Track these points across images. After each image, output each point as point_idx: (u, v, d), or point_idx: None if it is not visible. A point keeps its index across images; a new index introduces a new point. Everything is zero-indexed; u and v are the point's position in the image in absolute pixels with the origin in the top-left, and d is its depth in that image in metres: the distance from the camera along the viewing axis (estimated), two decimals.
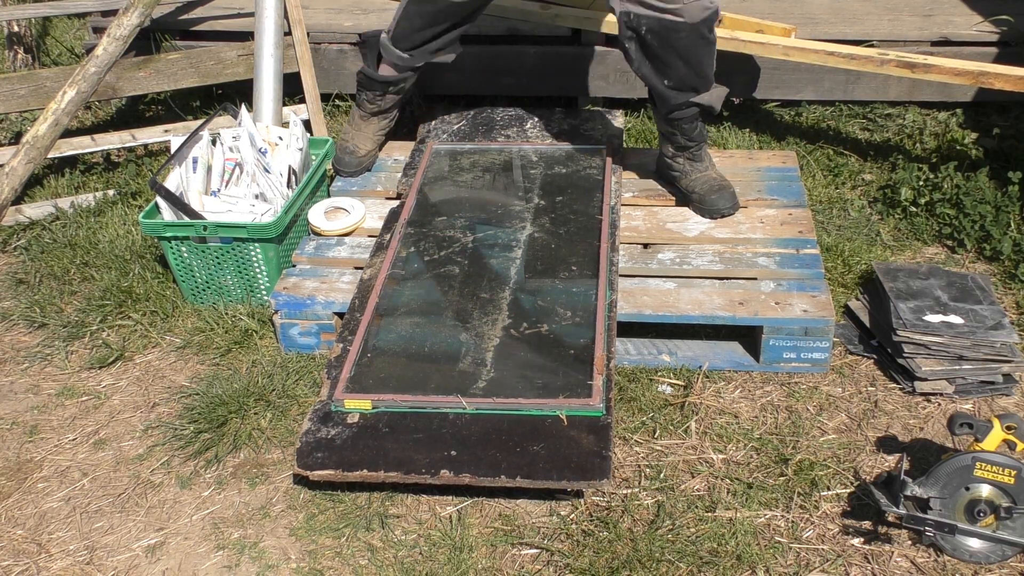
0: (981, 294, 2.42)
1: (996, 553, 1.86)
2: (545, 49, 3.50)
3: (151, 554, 1.99)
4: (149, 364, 2.54)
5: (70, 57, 4.34)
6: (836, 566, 1.89)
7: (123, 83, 3.31)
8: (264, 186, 2.72)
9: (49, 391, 2.47)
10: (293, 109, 3.41)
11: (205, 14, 3.73)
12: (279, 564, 1.95)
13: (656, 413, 2.26)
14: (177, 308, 2.70)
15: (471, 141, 3.17)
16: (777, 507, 2.01)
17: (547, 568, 1.91)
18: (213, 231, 2.56)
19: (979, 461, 1.83)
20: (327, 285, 2.54)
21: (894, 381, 2.34)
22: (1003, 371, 2.28)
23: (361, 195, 2.97)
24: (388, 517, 2.03)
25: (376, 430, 2.05)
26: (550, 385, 2.13)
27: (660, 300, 2.40)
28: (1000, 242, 2.73)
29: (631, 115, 3.57)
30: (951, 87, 3.19)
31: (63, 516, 2.10)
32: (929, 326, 2.30)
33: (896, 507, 1.84)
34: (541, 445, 1.99)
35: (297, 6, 3.35)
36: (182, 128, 3.30)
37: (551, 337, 2.27)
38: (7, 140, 3.71)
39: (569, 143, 3.12)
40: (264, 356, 2.50)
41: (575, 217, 2.71)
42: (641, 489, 2.07)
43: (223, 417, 2.28)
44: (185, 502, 2.11)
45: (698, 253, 2.58)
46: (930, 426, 2.22)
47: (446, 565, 1.91)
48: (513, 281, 2.46)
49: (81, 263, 2.91)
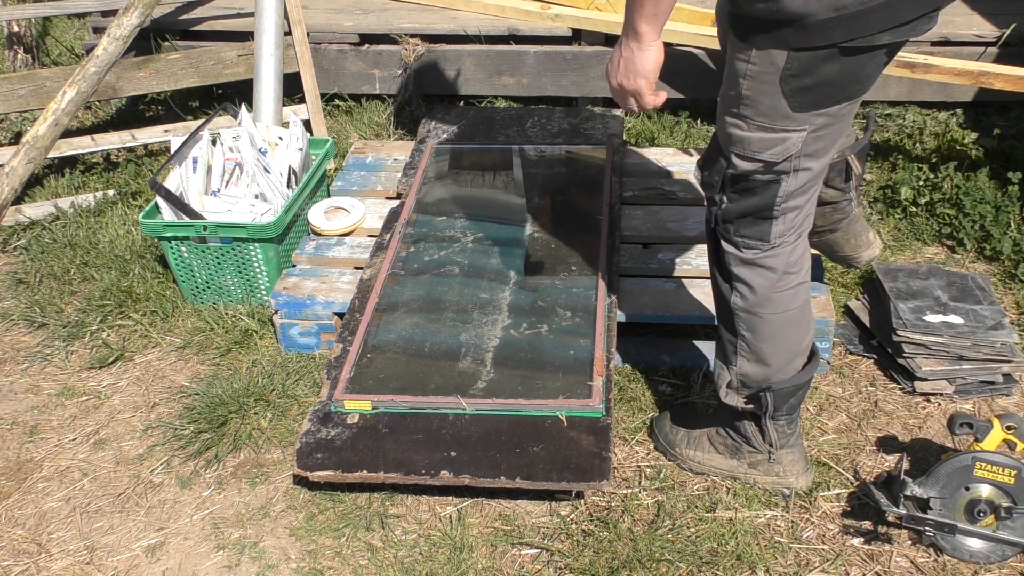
0: (981, 294, 2.42)
1: (996, 553, 1.86)
2: (545, 49, 3.50)
3: (151, 554, 1.99)
4: (149, 364, 2.54)
5: (70, 57, 4.34)
6: (836, 566, 1.89)
7: (123, 83, 3.31)
8: (264, 186, 2.72)
9: (49, 391, 2.47)
10: (293, 109, 3.41)
11: (205, 14, 3.73)
12: (279, 564, 1.95)
13: (656, 413, 2.26)
14: (177, 308, 2.70)
15: (471, 141, 3.17)
16: (777, 507, 2.01)
17: (547, 568, 1.91)
18: (213, 231, 2.56)
19: (979, 461, 1.83)
20: (327, 285, 2.54)
21: (894, 381, 2.34)
22: (1003, 371, 2.28)
23: (361, 195, 2.97)
24: (388, 517, 2.03)
25: (376, 431, 2.05)
26: (550, 386, 2.13)
27: (660, 300, 2.40)
28: (1000, 242, 2.73)
29: (631, 115, 3.57)
30: (951, 87, 3.19)
31: (63, 516, 2.10)
32: (929, 326, 2.29)
33: (896, 507, 1.84)
34: (541, 446, 1.99)
35: (297, 6, 3.35)
36: (182, 128, 3.30)
37: (551, 338, 2.27)
38: (7, 140, 3.71)
39: (569, 143, 3.12)
40: (264, 356, 2.50)
41: (575, 217, 2.71)
42: (641, 489, 2.07)
43: (223, 417, 2.28)
44: (185, 502, 2.11)
45: (698, 253, 2.57)
46: (930, 426, 2.22)
47: (446, 565, 1.91)
48: (513, 281, 2.46)
49: (81, 263, 2.91)
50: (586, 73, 3.49)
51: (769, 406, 1.90)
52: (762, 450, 2.00)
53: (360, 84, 3.64)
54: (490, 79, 3.56)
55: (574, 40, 3.52)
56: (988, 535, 1.85)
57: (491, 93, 3.61)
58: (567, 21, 3.48)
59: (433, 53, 3.54)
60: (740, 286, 1.83)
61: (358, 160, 3.18)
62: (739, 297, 1.84)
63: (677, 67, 3.39)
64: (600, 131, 3.19)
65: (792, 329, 1.85)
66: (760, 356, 1.86)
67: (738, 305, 1.84)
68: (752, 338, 1.85)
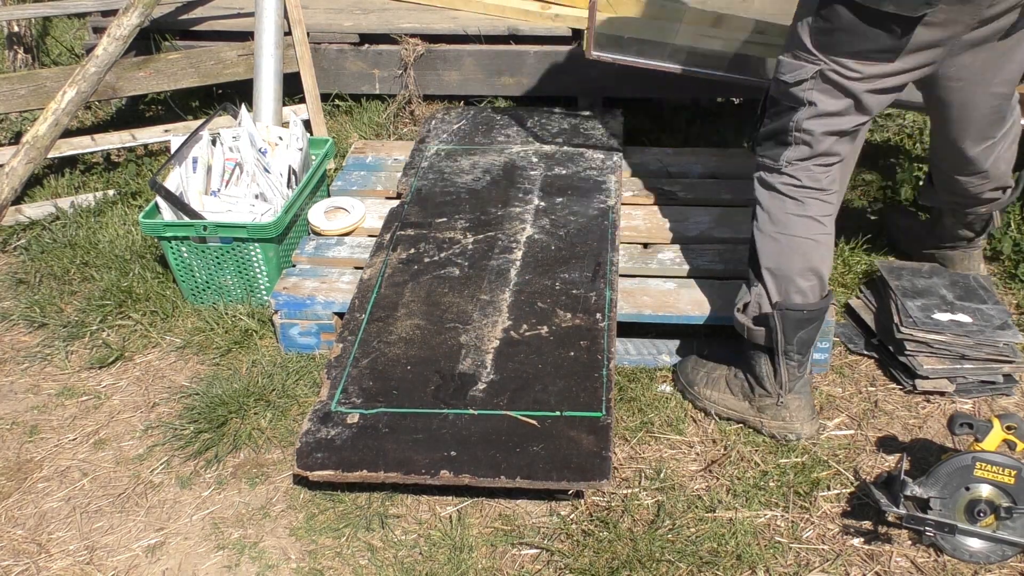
0: (984, 293, 2.42)
1: (996, 553, 1.86)
2: (545, 49, 3.50)
3: (151, 554, 1.99)
4: (149, 364, 2.54)
5: (70, 57, 4.34)
6: (836, 566, 1.89)
7: (123, 83, 3.31)
8: (264, 186, 2.72)
9: (49, 391, 2.47)
10: (293, 109, 3.41)
11: (205, 14, 3.73)
12: (279, 564, 1.95)
13: (656, 413, 2.26)
14: (177, 308, 2.70)
15: (471, 141, 3.17)
16: (777, 507, 2.01)
17: (547, 568, 1.90)
18: (213, 231, 2.56)
19: (979, 461, 1.83)
20: (327, 285, 2.54)
21: (894, 381, 2.34)
22: (1004, 371, 2.28)
23: (361, 195, 2.97)
24: (388, 517, 2.03)
25: (376, 430, 2.05)
26: (550, 387, 2.12)
27: (660, 300, 2.40)
28: (1000, 242, 2.72)
29: (631, 115, 3.57)
30: None
31: (63, 516, 2.10)
32: (939, 324, 2.29)
33: (896, 507, 1.84)
34: (541, 445, 1.99)
35: (297, 6, 3.35)
36: (182, 128, 3.30)
37: (551, 339, 2.27)
38: (7, 140, 3.71)
39: (569, 143, 3.12)
40: (264, 356, 2.50)
41: (575, 217, 2.71)
42: (641, 489, 2.07)
43: (223, 417, 2.28)
44: (185, 502, 2.11)
45: (698, 253, 2.57)
46: (930, 426, 2.22)
47: (446, 565, 1.91)
48: (513, 282, 2.46)
49: (81, 263, 2.91)
50: (586, 73, 3.49)
51: (777, 329, 2.09)
52: (772, 393, 2.16)
53: (360, 84, 3.64)
54: (490, 79, 3.57)
55: (574, 40, 3.52)
56: (988, 535, 1.85)
57: (491, 93, 3.61)
58: (567, 21, 3.48)
59: (433, 53, 3.54)
60: (758, 209, 2.14)
61: (358, 160, 3.18)
62: (758, 222, 2.13)
63: None
64: (600, 131, 3.19)
65: (800, 257, 2.07)
66: (771, 275, 2.10)
67: (755, 226, 2.14)
68: (763, 259, 2.11)
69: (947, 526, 1.83)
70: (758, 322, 2.13)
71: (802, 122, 2.01)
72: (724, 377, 2.25)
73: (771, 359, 2.14)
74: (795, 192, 2.08)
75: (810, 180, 2.07)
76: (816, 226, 2.08)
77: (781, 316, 2.08)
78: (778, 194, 2.09)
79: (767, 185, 2.11)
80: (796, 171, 2.06)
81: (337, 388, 2.16)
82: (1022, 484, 1.81)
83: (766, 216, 2.11)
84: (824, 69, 1.93)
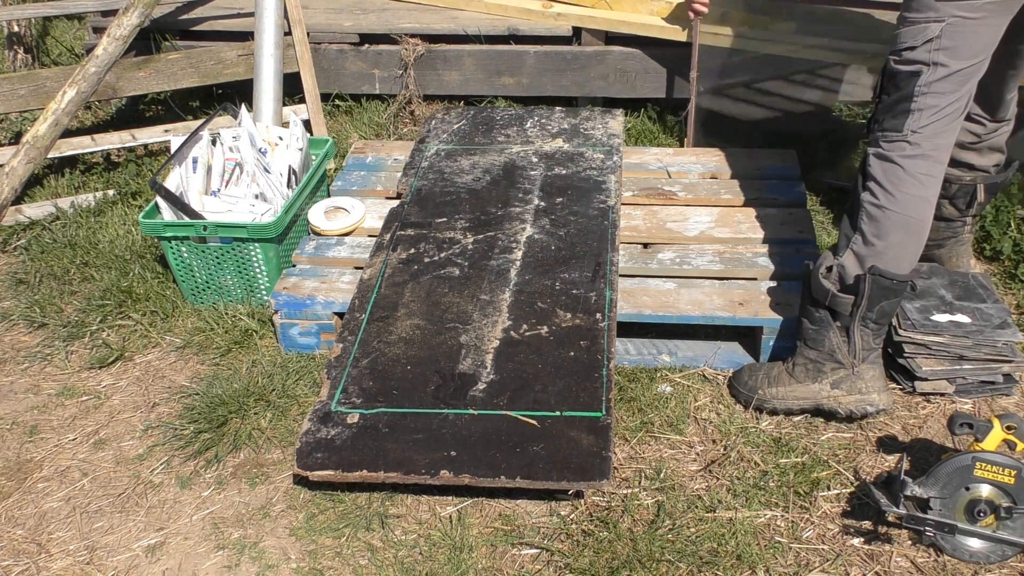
0: (984, 293, 2.42)
1: (996, 553, 1.86)
2: (545, 49, 3.50)
3: (151, 554, 1.99)
4: (149, 364, 2.54)
5: (70, 57, 4.34)
6: (836, 566, 1.89)
7: (123, 83, 3.31)
8: (264, 186, 2.72)
9: (49, 391, 2.47)
10: (293, 109, 3.41)
11: (205, 14, 3.73)
12: (279, 564, 1.95)
13: (656, 413, 2.26)
14: (177, 308, 2.70)
15: (471, 141, 3.17)
16: (777, 507, 2.01)
17: (547, 568, 1.90)
18: (213, 231, 2.56)
19: (979, 461, 1.83)
20: (327, 285, 2.54)
21: (894, 381, 2.34)
22: (1003, 371, 2.28)
23: (361, 195, 2.97)
24: (388, 517, 2.03)
25: (376, 430, 2.05)
26: (550, 387, 2.12)
27: (660, 300, 2.40)
28: (1000, 242, 2.72)
29: (631, 115, 3.57)
30: None
31: (63, 516, 2.10)
32: (938, 326, 2.29)
33: (896, 507, 1.84)
34: (541, 445, 1.99)
35: (297, 6, 3.35)
36: (182, 128, 3.30)
37: (551, 339, 2.27)
38: (7, 140, 3.71)
39: (569, 143, 3.12)
40: (264, 356, 2.50)
41: (575, 218, 2.71)
42: (641, 489, 2.07)
43: (223, 417, 2.28)
44: (185, 502, 2.11)
45: (698, 253, 2.58)
46: (930, 426, 2.22)
47: (446, 565, 1.91)
48: (513, 282, 2.46)
49: (81, 263, 2.91)
50: (586, 73, 3.49)
51: (864, 294, 2.08)
52: (846, 363, 2.16)
53: (360, 84, 3.64)
54: (490, 79, 3.57)
55: (574, 40, 3.52)
56: (988, 535, 1.85)
57: (491, 93, 3.61)
58: (569, 20, 3.48)
59: (433, 53, 3.54)
60: (872, 183, 2.08)
61: (358, 160, 3.18)
62: (869, 193, 2.09)
63: (680, 69, 3.39)
64: (600, 131, 3.19)
65: (906, 236, 2.06)
66: (871, 246, 2.08)
67: (866, 200, 2.09)
68: (868, 230, 2.08)
69: (947, 526, 1.83)
70: (845, 290, 2.13)
71: (930, 86, 1.98)
72: (784, 371, 2.24)
73: (845, 330, 2.14)
74: (918, 173, 2.04)
75: (932, 147, 2.03)
76: (927, 208, 2.07)
77: (873, 281, 2.08)
78: (897, 167, 2.05)
79: (885, 158, 2.07)
80: (920, 139, 2.02)
81: (337, 388, 2.16)
82: (1022, 484, 1.81)
83: (881, 189, 2.07)
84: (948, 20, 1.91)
